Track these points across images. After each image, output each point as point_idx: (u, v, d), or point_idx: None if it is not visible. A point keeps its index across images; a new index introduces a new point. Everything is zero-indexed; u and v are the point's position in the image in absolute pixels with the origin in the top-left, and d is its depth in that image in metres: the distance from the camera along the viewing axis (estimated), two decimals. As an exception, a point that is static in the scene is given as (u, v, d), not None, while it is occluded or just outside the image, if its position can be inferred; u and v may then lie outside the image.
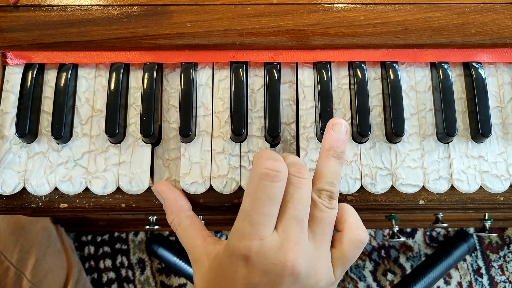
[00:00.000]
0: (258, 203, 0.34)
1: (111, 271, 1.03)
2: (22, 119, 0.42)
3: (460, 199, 0.43)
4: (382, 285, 1.02)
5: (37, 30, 0.43)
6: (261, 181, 0.34)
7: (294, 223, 0.35)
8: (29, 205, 0.43)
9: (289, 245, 0.34)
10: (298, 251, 0.34)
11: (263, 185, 0.34)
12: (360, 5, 0.43)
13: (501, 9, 0.43)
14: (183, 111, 0.42)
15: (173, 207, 0.41)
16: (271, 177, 0.34)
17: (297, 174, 0.36)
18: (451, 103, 0.43)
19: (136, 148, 0.43)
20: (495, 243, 1.04)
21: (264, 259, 0.34)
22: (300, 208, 0.36)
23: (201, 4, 0.43)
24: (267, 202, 0.34)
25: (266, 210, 0.34)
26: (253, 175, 0.35)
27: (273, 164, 0.35)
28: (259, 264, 0.34)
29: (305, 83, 0.45)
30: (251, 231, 0.34)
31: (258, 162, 0.35)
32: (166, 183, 0.42)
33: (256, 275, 0.34)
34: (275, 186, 0.34)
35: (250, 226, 0.34)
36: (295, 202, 0.36)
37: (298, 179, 0.36)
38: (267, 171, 0.34)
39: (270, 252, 0.34)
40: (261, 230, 0.34)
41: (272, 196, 0.35)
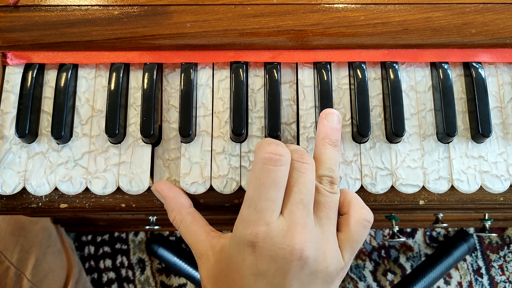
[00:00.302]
0: (262, 189, 0.34)
1: (111, 271, 1.03)
2: (22, 119, 0.42)
3: (460, 199, 0.43)
4: (382, 285, 1.02)
5: (37, 30, 0.43)
6: (264, 165, 0.34)
7: (300, 207, 0.35)
8: (29, 205, 0.43)
9: (296, 229, 0.34)
10: (305, 234, 0.34)
11: (267, 169, 0.34)
12: (360, 5, 0.43)
13: (501, 9, 0.43)
14: (183, 111, 0.42)
15: (174, 204, 0.41)
16: (274, 161, 0.34)
17: (300, 159, 0.36)
18: (451, 103, 0.43)
19: (136, 148, 0.43)
20: (495, 243, 1.04)
21: (271, 244, 0.33)
22: (305, 192, 0.35)
23: (201, 4, 0.43)
24: (271, 186, 0.34)
25: (270, 195, 0.34)
26: (255, 162, 0.35)
27: (275, 148, 0.35)
28: (266, 250, 0.33)
29: (305, 83, 0.45)
30: (256, 217, 0.34)
31: (261, 148, 0.35)
32: (165, 182, 0.42)
33: (264, 262, 0.34)
34: (279, 170, 0.34)
35: (255, 212, 0.34)
36: (300, 186, 0.35)
37: (301, 164, 0.36)
38: (270, 155, 0.34)
39: (277, 237, 0.33)
40: (267, 215, 0.34)
41: (276, 180, 0.34)
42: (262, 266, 0.34)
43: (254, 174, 0.35)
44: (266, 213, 0.34)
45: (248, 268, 0.34)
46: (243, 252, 0.34)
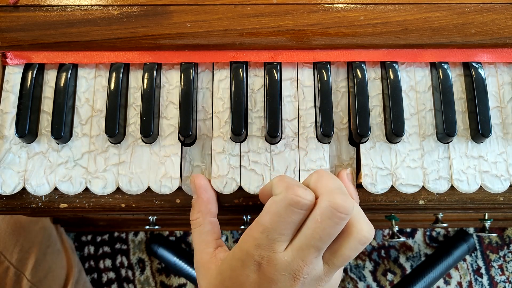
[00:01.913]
0: (280, 225, 0.35)
1: (111, 271, 1.03)
2: (22, 119, 0.42)
3: (460, 199, 0.43)
4: (382, 285, 1.02)
5: (37, 30, 0.43)
6: (290, 206, 0.35)
7: (313, 250, 0.35)
8: (29, 205, 0.43)
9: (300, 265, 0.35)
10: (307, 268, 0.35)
11: (291, 211, 0.35)
12: (360, 5, 0.43)
13: (501, 9, 0.43)
14: (183, 111, 0.42)
15: (203, 207, 0.41)
16: (300, 206, 0.34)
17: (340, 207, 0.34)
18: (451, 103, 0.43)
19: (135, 148, 0.43)
20: (495, 243, 1.04)
21: (274, 269, 0.35)
22: (325, 241, 0.35)
23: (201, 4, 0.43)
24: (289, 225, 0.35)
25: (285, 232, 0.35)
26: (281, 197, 0.35)
27: (304, 193, 0.35)
28: (269, 272, 0.35)
29: (305, 83, 0.45)
30: (267, 243, 0.35)
31: (289, 187, 0.35)
32: (206, 181, 0.42)
33: (265, 282, 0.35)
34: (302, 213, 0.35)
35: (267, 240, 0.35)
36: (324, 235, 0.35)
37: (338, 215, 0.34)
38: (299, 199, 0.34)
39: (281, 265, 0.35)
40: (277, 246, 0.35)
41: (296, 222, 0.35)
42: (263, 285, 0.36)
43: (275, 207, 0.35)
44: (276, 243, 0.35)
45: (250, 284, 0.36)
46: (248, 268, 0.36)
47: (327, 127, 0.42)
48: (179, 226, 0.99)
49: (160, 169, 0.43)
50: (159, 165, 0.43)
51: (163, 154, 0.43)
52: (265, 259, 0.35)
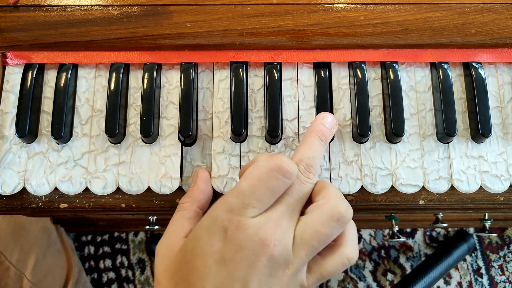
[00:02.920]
0: (259, 189, 0.34)
1: (111, 271, 1.03)
2: (22, 119, 0.42)
3: (460, 199, 0.43)
4: (382, 285, 1.02)
5: (37, 30, 0.43)
6: (272, 171, 0.34)
7: (285, 208, 0.34)
8: (29, 205, 0.43)
9: (272, 226, 0.33)
10: (278, 235, 0.33)
11: (273, 176, 0.34)
12: (360, 5, 0.43)
13: (501, 9, 0.43)
14: (183, 111, 0.42)
15: (195, 195, 0.41)
16: (283, 171, 0.34)
17: (305, 171, 0.36)
18: (451, 103, 0.43)
19: (135, 148, 0.43)
20: (495, 243, 1.04)
21: (244, 234, 0.33)
22: (296, 199, 0.35)
23: (201, 4, 0.43)
24: (268, 192, 0.34)
25: (262, 198, 0.34)
26: (263, 163, 0.34)
27: (290, 163, 0.34)
28: (237, 239, 0.33)
29: (305, 83, 0.45)
30: (240, 208, 0.34)
31: (276, 157, 0.35)
32: (208, 175, 0.42)
33: (231, 250, 0.33)
34: (283, 181, 0.34)
35: (241, 204, 0.34)
36: (294, 192, 0.35)
37: (304, 176, 0.36)
38: (283, 164, 0.34)
39: (252, 229, 0.33)
40: (250, 211, 0.34)
41: (276, 190, 0.34)
42: (228, 253, 0.33)
43: (256, 171, 0.34)
44: (250, 209, 0.34)
45: (213, 254, 0.33)
46: (213, 236, 0.34)
47: (327, 127, 0.42)
48: (179, 226, 0.99)
49: (160, 169, 0.43)
50: (159, 165, 0.43)
51: (163, 154, 0.43)
52: (234, 224, 0.33)
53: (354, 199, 0.43)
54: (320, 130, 0.40)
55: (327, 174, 0.42)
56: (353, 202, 0.43)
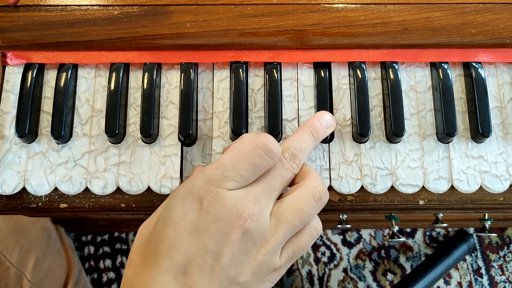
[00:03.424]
0: (241, 164, 0.33)
1: (111, 271, 1.03)
2: (22, 119, 0.42)
3: (460, 199, 0.43)
4: (382, 285, 1.02)
5: (37, 30, 0.43)
6: (256, 148, 0.33)
7: (266, 187, 0.34)
8: (29, 205, 0.43)
9: (251, 201, 0.33)
10: (256, 210, 0.33)
11: (256, 153, 0.33)
12: (360, 5, 0.43)
13: (501, 9, 0.43)
14: (183, 111, 0.42)
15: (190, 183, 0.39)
16: (268, 151, 0.33)
17: (290, 158, 0.36)
18: (451, 103, 0.43)
19: (135, 148, 0.43)
20: (495, 243, 1.04)
21: (221, 205, 0.32)
22: (277, 181, 0.35)
23: (201, 4, 0.43)
24: (249, 167, 0.33)
25: (243, 173, 0.33)
26: (248, 139, 0.34)
27: (274, 143, 0.34)
28: (214, 208, 0.32)
29: (305, 83, 0.45)
30: (219, 179, 0.33)
31: (263, 135, 0.34)
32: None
33: (205, 220, 0.32)
34: (266, 159, 0.34)
35: (221, 176, 0.33)
36: (276, 174, 0.35)
37: (289, 162, 0.36)
38: (269, 144, 0.33)
39: (229, 200, 0.32)
40: (229, 183, 0.33)
41: (257, 167, 0.33)
42: (202, 223, 0.32)
43: (240, 146, 0.34)
44: (229, 181, 0.33)
45: (186, 224, 0.32)
46: (188, 206, 0.32)
47: (327, 127, 0.42)
48: (179, 226, 0.99)
49: (160, 169, 0.43)
50: (159, 165, 0.43)
51: (163, 154, 0.43)
52: (212, 194, 0.32)
53: (354, 199, 0.43)
54: (314, 125, 0.40)
55: (327, 174, 0.42)
56: (353, 202, 0.43)
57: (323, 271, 1.03)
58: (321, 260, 1.04)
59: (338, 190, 0.42)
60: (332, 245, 1.05)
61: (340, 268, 1.03)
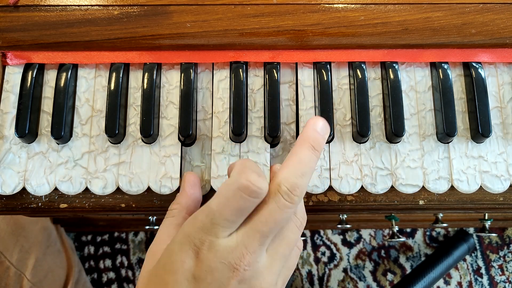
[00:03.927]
0: (226, 210, 0.33)
1: (111, 271, 1.03)
2: (22, 119, 0.42)
3: (460, 199, 0.43)
4: (382, 285, 1.02)
5: (37, 30, 0.43)
6: (238, 191, 0.32)
7: (257, 236, 0.33)
8: (29, 205, 0.43)
9: (243, 251, 0.33)
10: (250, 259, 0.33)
11: (240, 196, 0.32)
12: (360, 5, 0.43)
13: (501, 9, 0.43)
14: (183, 111, 0.42)
15: (183, 201, 0.40)
16: (249, 192, 0.32)
17: (286, 196, 0.34)
18: (451, 103, 0.43)
19: (136, 148, 0.43)
20: (495, 243, 1.04)
21: (214, 256, 0.33)
22: (271, 228, 0.34)
23: (201, 4, 0.43)
24: (236, 212, 0.33)
25: (232, 218, 0.33)
26: (232, 180, 0.33)
27: (256, 179, 0.32)
28: (208, 259, 0.33)
29: (305, 83, 0.45)
30: (210, 228, 0.33)
31: (242, 171, 0.33)
32: (197, 178, 0.41)
33: (202, 270, 0.33)
34: (250, 201, 0.33)
35: (210, 224, 0.33)
36: (270, 222, 0.33)
37: (285, 203, 0.33)
38: (249, 184, 0.32)
39: (222, 252, 0.33)
40: (220, 231, 0.33)
41: (244, 209, 0.33)
42: (200, 273, 0.33)
43: (225, 190, 0.33)
44: (220, 229, 0.33)
45: (185, 272, 0.33)
46: (185, 254, 0.34)
47: (327, 127, 0.42)
48: (179, 226, 0.99)
49: (160, 169, 0.43)
50: (159, 165, 0.43)
51: (163, 154, 0.43)
52: (206, 244, 0.33)
53: (354, 199, 0.43)
54: (314, 137, 0.37)
55: (327, 174, 0.42)
56: (353, 202, 0.43)
57: (323, 271, 1.03)
58: (321, 260, 1.04)
59: (338, 190, 0.42)
60: (332, 245, 1.05)
61: (340, 268, 1.03)
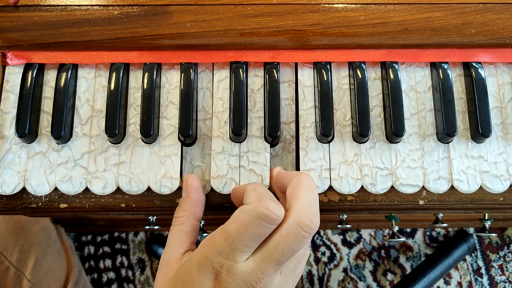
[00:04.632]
0: (245, 235, 0.34)
1: (111, 271, 1.03)
2: (22, 119, 0.42)
3: (460, 199, 0.43)
4: (382, 285, 1.02)
5: (37, 30, 0.43)
6: (258, 219, 0.34)
7: (273, 264, 0.35)
8: (29, 205, 0.43)
9: (259, 275, 0.35)
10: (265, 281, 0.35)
11: (259, 223, 0.34)
12: (360, 5, 0.43)
13: (501, 9, 0.43)
14: (183, 111, 0.42)
15: (189, 207, 0.41)
16: (269, 220, 0.34)
17: (306, 228, 0.35)
18: (451, 103, 0.43)
19: (136, 148, 0.43)
20: (495, 243, 1.04)
21: (232, 279, 0.35)
22: (286, 257, 0.35)
23: (201, 4, 0.43)
24: (254, 238, 0.35)
25: (249, 243, 0.35)
26: (251, 208, 0.35)
27: (275, 207, 0.34)
28: (227, 282, 0.35)
29: (305, 83, 0.45)
30: (229, 252, 0.35)
31: (261, 199, 0.35)
32: (198, 182, 0.42)
33: None
34: (269, 227, 0.35)
35: (229, 248, 0.35)
36: (287, 252, 0.35)
37: (304, 234, 0.35)
38: (269, 213, 0.34)
39: (240, 275, 0.35)
40: (238, 256, 0.35)
41: (262, 235, 0.35)
42: None
43: (243, 216, 0.35)
44: (238, 254, 0.35)
45: None
46: (204, 275, 0.35)
47: (326, 127, 0.42)
48: (179, 226, 0.99)
49: (160, 169, 0.43)
50: (159, 165, 0.43)
51: (163, 154, 0.43)
52: (225, 268, 0.35)
53: (354, 199, 0.43)
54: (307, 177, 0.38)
55: (327, 174, 0.42)
56: (353, 202, 0.43)
57: (323, 271, 1.03)
58: (321, 260, 1.04)
59: (338, 190, 0.42)
60: (332, 245, 1.05)
61: (340, 268, 1.03)
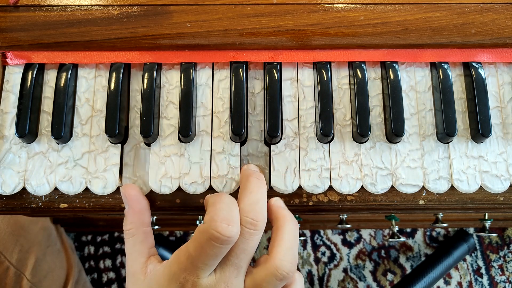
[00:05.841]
0: (203, 256, 0.36)
1: (111, 271, 1.03)
2: (22, 119, 0.42)
3: (460, 199, 0.43)
4: (382, 285, 1.02)
5: (37, 30, 0.43)
6: (210, 241, 0.35)
7: (232, 269, 0.37)
8: (29, 205, 0.43)
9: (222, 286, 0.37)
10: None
11: (212, 245, 0.35)
12: (360, 5, 0.43)
13: (501, 9, 0.43)
14: (183, 111, 0.42)
15: (135, 219, 0.41)
16: (220, 241, 0.35)
17: (249, 225, 0.37)
18: (451, 103, 0.43)
19: (139, 151, 0.43)
20: (495, 243, 1.04)
21: None
22: (242, 258, 0.37)
23: (201, 4, 0.43)
24: (211, 257, 0.36)
25: (207, 262, 0.36)
26: (204, 228, 0.36)
27: (226, 230, 0.35)
28: None
29: (305, 83, 0.45)
30: (191, 269, 0.36)
31: (212, 220, 0.35)
32: (136, 190, 0.42)
33: None
34: (223, 248, 0.36)
35: (191, 266, 0.36)
36: (239, 252, 0.37)
37: (249, 231, 0.37)
38: (219, 235, 0.35)
39: None
40: (200, 272, 0.36)
41: (218, 255, 0.36)
42: None
43: (199, 237, 0.36)
44: (200, 271, 0.36)
45: None
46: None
47: (327, 127, 0.42)
48: (179, 226, 0.99)
49: (160, 169, 0.43)
50: (159, 165, 0.43)
51: (163, 154, 0.43)
52: (190, 283, 0.36)
53: (354, 199, 0.43)
54: (253, 171, 0.41)
55: (328, 174, 0.42)
56: (353, 202, 0.43)
57: (323, 271, 1.03)
58: (321, 260, 1.04)
59: (338, 190, 0.42)
60: (332, 245, 1.05)
61: (340, 268, 1.03)
